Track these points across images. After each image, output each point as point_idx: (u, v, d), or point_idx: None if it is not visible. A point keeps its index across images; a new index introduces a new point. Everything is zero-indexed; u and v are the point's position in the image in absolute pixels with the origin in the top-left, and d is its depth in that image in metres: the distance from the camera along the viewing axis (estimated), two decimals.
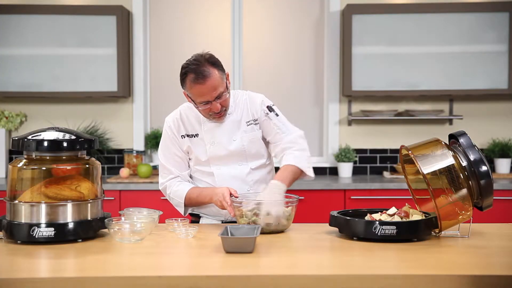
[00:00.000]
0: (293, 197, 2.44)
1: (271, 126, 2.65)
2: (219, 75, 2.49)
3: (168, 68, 4.81)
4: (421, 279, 1.74)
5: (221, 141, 2.62)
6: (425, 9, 4.43)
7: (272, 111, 2.66)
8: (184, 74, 2.50)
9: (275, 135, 2.65)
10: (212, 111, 2.53)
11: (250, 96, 2.69)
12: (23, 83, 4.46)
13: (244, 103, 2.67)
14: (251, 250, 2.01)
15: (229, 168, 2.64)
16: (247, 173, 2.65)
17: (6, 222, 2.18)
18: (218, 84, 2.48)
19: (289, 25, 4.82)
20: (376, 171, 4.74)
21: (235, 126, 2.64)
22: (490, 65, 4.41)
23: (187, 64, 2.51)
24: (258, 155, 2.68)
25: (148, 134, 4.74)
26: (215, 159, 2.63)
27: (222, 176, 2.63)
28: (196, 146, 2.64)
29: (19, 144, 2.21)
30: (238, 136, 2.63)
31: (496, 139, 4.66)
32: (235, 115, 2.65)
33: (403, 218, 2.26)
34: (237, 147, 2.63)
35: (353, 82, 4.46)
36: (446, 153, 2.18)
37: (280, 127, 2.66)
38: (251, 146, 2.65)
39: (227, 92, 2.54)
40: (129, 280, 1.73)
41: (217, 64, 2.51)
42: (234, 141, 2.63)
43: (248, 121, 2.65)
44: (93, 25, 4.46)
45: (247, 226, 2.17)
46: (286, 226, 2.38)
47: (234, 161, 2.64)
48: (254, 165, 2.67)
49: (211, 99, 2.49)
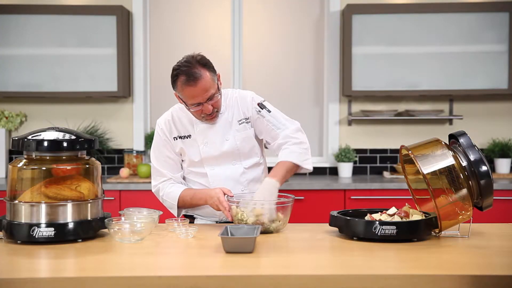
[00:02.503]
0: (289, 197, 2.44)
1: (265, 124, 2.62)
2: (210, 77, 2.47)
3: (168, 68, 4.76)
4: (421, 279, 1.74)
5: (214, 141, 2.61)
6: (425, 9, 4.43)
7: (264, 108, 2.63)
8: (175, 76, 2.48)
9: (271, 132, 2.63)
10: (204, 112, 2.52)
11: (241, 95, 2.67)
12: (23, 83, 4.46)
13: (235, 102, 2.65)
14: (251, 250, 2.01)
15: (223, 169, 2.63)
16: (241, 173, 2.64)
17: (6, 222, 2.18)
18: (210, 86, 2.47)
19: (289, 25, 4.82)
20: (376, 171, 4.74)
21: (227, 126, 2.62)
22: (490, 65, 4.41)
23: (178, 66, 2.48)
24: (251, 153, 2.66)
25: (148, 134, 4.74)
26: (208, 159, 2.62)
27: (215, 176, 2.62)
28: (189, 147, 2.63)
29: (19, 144, 2.21)
30: (231, 136, 2.62)
31: (496, 139, 4.66)
32: (227, 115, 2.63)
33: (403, 218, 2.26)
34: (230, 147, 2.62)
35: (353, 82, 4.46)
36: (446, 153, 2.18)
37: (274, 123, 2.62)
38: (244, 145, 2.63)
39: (219, 93, 2.53)
40: (129, 280, 1.73)
41: (208, 65, 2.49)
42: (227, 141, 2.62)
43: (239, 120, 2.63)
44: (93, 25, 4.46)
45: (247, 226, 2.17)
46: (280, 227, 2.37)
47: (227, 161, 2.63)
48: (247, 164, 2.65)
49: (202, 101, 2.48)
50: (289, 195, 2.46)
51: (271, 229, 2.34)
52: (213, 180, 2.62)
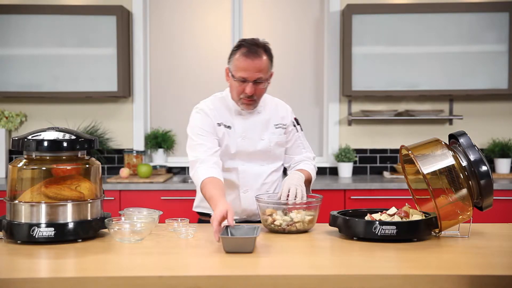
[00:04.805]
0: (317, 197, 2.48)
1: (295, 138, 2.77)
2: (266, 63, 2.56)
3: (168, 68, 4.81)
4: (421, 279, 1.74)
5: (251, 136, 2.67)
6: (425, 9, 4.43)
7: (299, 125, 2.79)
8: (238, 46, 2.57)
9: (296, 147, 2.77)
10: (244, 92, 2.56)
11: (279, 103, 2.79)
12: (23, 83, 4.46)
13: (274, 107, 2.75)
14: (251, 250, 2.00)
15: (253, 167, 2.68)
16: (268, 174, 2.70)
17: (6, 222, 2.18)
18: (263, 69, 2.54)
19: (289, 25, 4.82)
20: (376, 171, 4.74)
21: (264, 125, 2.69)
22: (490, 65, 4.41)
23: (245, 39, 2.59)
24: (279, 158, 2.74)
25: (148, 134, 4.74)
26: (242, 154, 2.66)
27: (245, 173, 2.66)
28: (228, 137, 2.66)
29: (19, 144, 2.21)
30: (266, 136, 2.69)
31: (496, 139, 4.66)
32: (264, 115, 2.70)
33: (403, 218, 2.26)
34: (264, 147, 2.68)
35: (353, 82, 4.46)
36: (446, 153, 2.18)
37: (303, 142, 2.79)
38: (276, 149, 2.71)
39: (265, 84, 2.59)
40: (129, 280, 1.73)
41: (269, 54, 2.59)
42: (262, 141, 2.68)
43: (276, 124, 2.71)
44: (93, 25, 4.46)
45: (247, 226, 2.17)
46: (309, 226, 2.38)
47: (258, 160, 2.69)
48: (273, 168, 2.72)
49: (250, 78, 2.53)
50: (316, 195, 2.50)
51: (302, 227, 2.35)
52: (242, 176, 2.66)
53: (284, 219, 2.33)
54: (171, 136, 4.75)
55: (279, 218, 2.33)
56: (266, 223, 2.36)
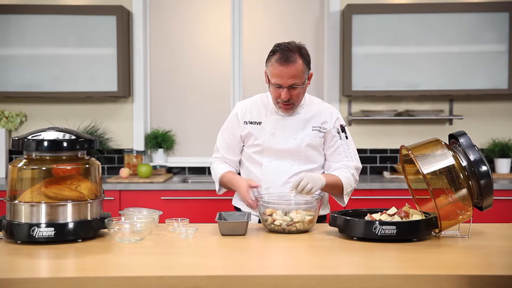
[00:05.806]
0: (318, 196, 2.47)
1: (336, 146, 2.69)
2: (302, 68, 2.54)
3: (168, 68, 4.81)
4: (421, 279, 1.74)
5: (281, 135, 2.66)
6: (425, 9, 4.43)
7: (344, 132, 2.71)
8: (273, 52, 2.58)
9: (337, 155, 2.69)
10: (280, 97, 2.57)
11: (327, 107, 2.75)
12: (23, 83, 4.46)
13: (318, 110, 2.71)
14: (244, 233, 2.28)
15: (280, 164, 2.67)
16: (294, 173, 2.66)
17: (6, 222, 2.18)
18: (297, 75, 2.53)
19: (289, 25, 4.82)
20: (376, 171, 4.74)
21: (300, 126, 2.67)
22: (490, 65, 4.41)
23: (279, 44, 2.58)
24: (312, 160, 2.69)
25: (148, 134, 4.74)
26: (269, 151, 2.67)
27: (269, 169, 2.67)
28: (256, 132, 2.68)
29: (19, 144, 2.21)
30: (299, 136, 2.66)
31: (496, 139, 4.66)
32: (303, 115, 2.68)
33: (403, 218, 2.26)
34: (294, 146, 2.66)
35: (353, 82, 4.46)
36: (446, 153, 2.18)
37: (345, 150, 2.70)
38: (307, 150, 2.67)
39: (302, 87, 2.58)
40: (129, 280, 1.74)
41: (305, 57, 2.57)
42: (294, 140, 2.66)
43: (315, 126, 2.68)
44: (93, 25, 4.46)
45: (238, 213, 2.43)
46: (309, 226, 2.38)
47: (287, 159, 2.67)
48: (304, 168, 2.67)
49: (284, 84, 2.53)
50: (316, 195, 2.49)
51: (303, 227, 2.35)
52: (266, 172, 2.67)
53: (284, 219, 2.33)
54: (171, 136, 4.75)
55: (279, 218, 2.33)
56: (266, 223, 2.36)
